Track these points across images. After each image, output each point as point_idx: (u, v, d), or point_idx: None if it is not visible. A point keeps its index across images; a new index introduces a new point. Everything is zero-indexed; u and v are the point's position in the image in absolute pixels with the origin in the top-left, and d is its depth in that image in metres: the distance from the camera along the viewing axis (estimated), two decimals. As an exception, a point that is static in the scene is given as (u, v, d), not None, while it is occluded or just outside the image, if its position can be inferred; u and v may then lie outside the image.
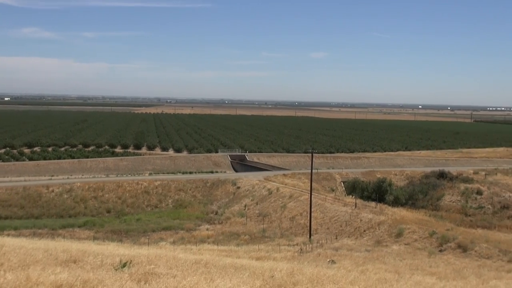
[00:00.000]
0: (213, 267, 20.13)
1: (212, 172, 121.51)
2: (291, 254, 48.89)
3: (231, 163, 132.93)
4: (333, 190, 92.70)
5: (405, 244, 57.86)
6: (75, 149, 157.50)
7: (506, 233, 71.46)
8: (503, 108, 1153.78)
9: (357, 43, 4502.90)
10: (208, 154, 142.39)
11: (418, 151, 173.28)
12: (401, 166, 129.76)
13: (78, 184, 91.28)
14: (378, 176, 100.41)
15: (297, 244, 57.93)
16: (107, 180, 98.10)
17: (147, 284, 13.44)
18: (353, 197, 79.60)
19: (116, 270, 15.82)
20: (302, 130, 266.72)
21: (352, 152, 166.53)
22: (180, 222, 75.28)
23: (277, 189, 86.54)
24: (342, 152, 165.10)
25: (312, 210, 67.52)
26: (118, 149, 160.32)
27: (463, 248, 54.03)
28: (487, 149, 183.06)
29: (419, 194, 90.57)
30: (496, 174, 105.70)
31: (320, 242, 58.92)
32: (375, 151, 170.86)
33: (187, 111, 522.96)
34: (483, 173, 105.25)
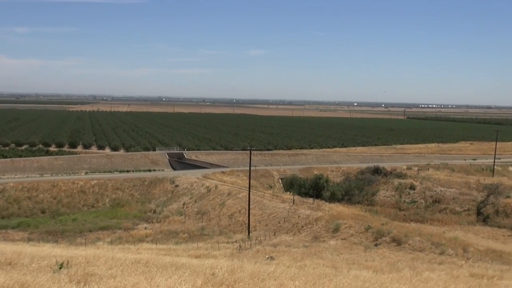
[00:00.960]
0: (153, 266, 20.03)
1: (150, 170, 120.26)
2: (230, 252, 48.97)
3: (169, 161, 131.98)
4: (271, 187, 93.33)
5: (342, 239, 58.94)
6: (7, 148, 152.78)
7: (438, 226, 73.95)
8: (434, 105, 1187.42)
9: (295, 41, 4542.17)
10: (146, 152, 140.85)
11: (354, 148, 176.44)
12: (338, 163, 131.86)
13: (11, 184, 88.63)
14: (315, 172, 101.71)
15: (236, 241, 58.07)
16: (42, 179, 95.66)
17: (87, 286, 13.31)
18: (291, 193, 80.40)
19: (54, 272, 15.55)
20: (240, 127, 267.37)
21: (290, 149, 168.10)
22: (118, 222, 74.21)
23: (216, 186, 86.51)
24: (280, 149, 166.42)
25: (250, 207, 67.79)
26: (52, 148, 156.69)
27: (397, 242, 55.47)
28: (419, 145, 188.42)
29: (355, 190, 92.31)
30: (428, 169, 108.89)
31: (259, 239, 59.29)
32: (312, 148, 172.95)
33: (124, 108, 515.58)
34: (416, 168, 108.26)
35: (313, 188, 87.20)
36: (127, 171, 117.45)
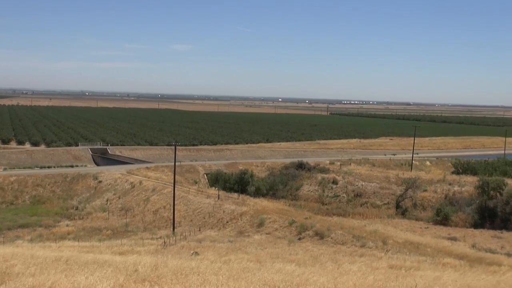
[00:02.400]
0: (74, 264, 19.70)
1: (72, 166, 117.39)
2: (154, 248, 48.63)
3: (92, 157, 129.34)
4: (196, 183, 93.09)
5: (267, 234, 59.57)
6: None
7: (359, 220, 75.93)
8: (356, 102, 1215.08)
9: (221, 36, 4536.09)
10: (68, 148, 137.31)
11: (279, 143, 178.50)
12: (263, 158, 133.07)
13: None
14: (241, 167, 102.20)
15: (160, 237, 57.70)
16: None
17: (3, 285, 12.96)
18: (216, 189, 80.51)
19: (-31, 271, 15.05)
20: (165, 122, 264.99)
21: (215, 144, 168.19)
22: (38, 219, 72.05)
23: (140, 182, 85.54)
24: (205, 144, 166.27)
25: (175, 202, 67.49)
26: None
27: (320, 236, 56.57)
28: (342, 141, 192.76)
29: (279, 185, 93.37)
30: (350, 164, 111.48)
31: (184, 234, 59.11)
32: (237, 143, 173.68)
33: (45, 103, 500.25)
34: (339, 163, 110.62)
35: (238, 183, 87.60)
36: (49, 167, 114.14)
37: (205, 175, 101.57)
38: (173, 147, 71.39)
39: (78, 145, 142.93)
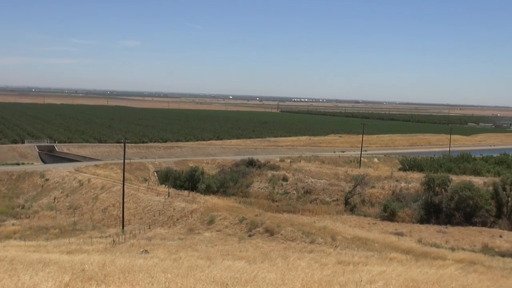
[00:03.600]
0: (19, 264, 19.33)
1: (18, 164, 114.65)
2: (103, 246, 48.03)
3: (39, 155, 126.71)
4: (146, 180, 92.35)
5: (217, 231, 59.63)
6: None
7: (309, 216, 76.67)
8: (306, 99, 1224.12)
9: (170, 33, 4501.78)
10: (14, 145, 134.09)
11: (229, 140, 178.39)
12: (213, 155, 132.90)
13: None
14: (191, 165, 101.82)
15: (109, 236, 57.04)
16: None
17: None
18: (166, 186, 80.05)
19: None
20: (115, 119, 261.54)
21: (165, 141, 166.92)
22: (-18, 219, 70.22)
23: (89, 180, 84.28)
24: (155, 141, 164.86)
25: (125, 200, 66.82)
26: None
27: (270, 232, 56.99)
28: (292, 138, 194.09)
29: (230, 182, 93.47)
30: (300, 161, 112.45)
31: (133, 232, 58.57)
32: (187, 141, 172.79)
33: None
34: (289, 160, 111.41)
35: (188, 181, 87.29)
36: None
37: (155, 172, 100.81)
38: (123, 144, 70.58)
39: (24, 143, 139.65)
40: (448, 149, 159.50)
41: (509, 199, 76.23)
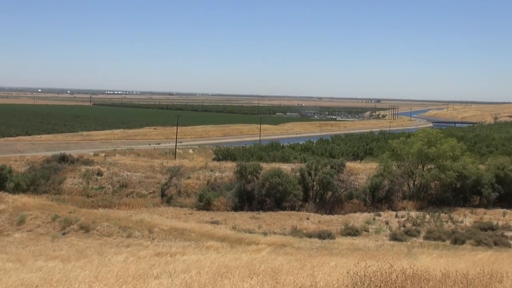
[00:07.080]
0: None
1: None
2: None
3: None
4: None
5: (28, 231, 57.09)
6: None
7: (126, 210, 75.97)
8: (120, 92, 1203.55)
9: None
10: None
11: (39, 136, 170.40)
12: (22, 152, 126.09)
13: None
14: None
15: None
16: None
17: None
18: (-31, 187, 74.60)
19: None
20: None
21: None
22: None
23: None
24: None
25: None
26: None
27: (85, 229, 55.79)
28: (106, 131, 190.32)
29: (41, 179, 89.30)
30: (114, 155, 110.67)
31: None
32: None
33: None
34: (103, 154, 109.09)
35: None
36: None
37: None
38: None
39: None
40: (258, 138, 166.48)
41: (314, 183, 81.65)
